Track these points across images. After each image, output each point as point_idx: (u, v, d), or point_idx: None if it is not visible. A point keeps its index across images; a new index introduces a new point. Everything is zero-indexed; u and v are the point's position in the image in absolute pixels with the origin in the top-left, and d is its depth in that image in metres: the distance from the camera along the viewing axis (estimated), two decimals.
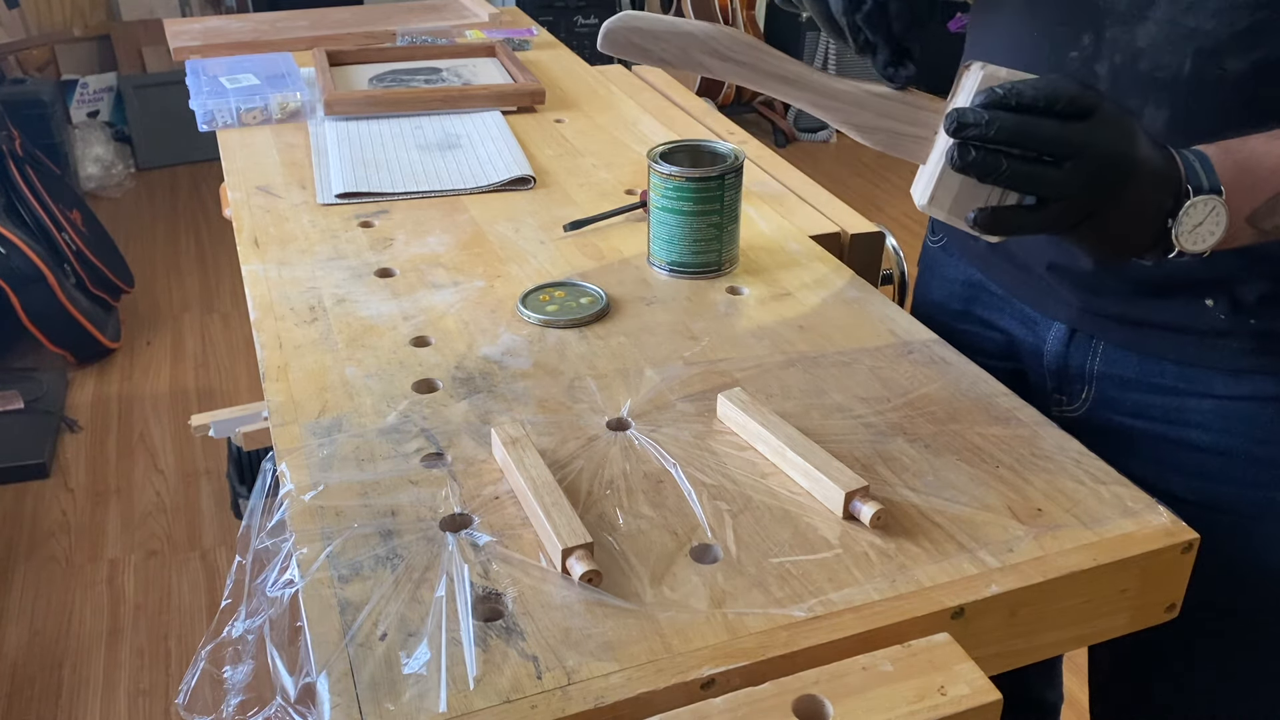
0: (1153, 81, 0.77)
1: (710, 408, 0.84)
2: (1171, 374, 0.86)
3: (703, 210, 1.00)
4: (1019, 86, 0.66)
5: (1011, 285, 0.97)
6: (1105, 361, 0.90)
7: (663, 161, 1.01)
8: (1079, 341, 0.91)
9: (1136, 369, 0.88)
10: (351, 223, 1.15)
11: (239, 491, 2.07)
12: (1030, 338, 0.96)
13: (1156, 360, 0.86)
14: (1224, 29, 0.73)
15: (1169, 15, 0.75)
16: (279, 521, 0.73)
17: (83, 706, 1.83)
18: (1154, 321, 0.85)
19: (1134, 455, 0.85)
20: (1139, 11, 0.77)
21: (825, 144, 4.29)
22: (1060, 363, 0.93)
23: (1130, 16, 0.77)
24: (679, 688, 0.60)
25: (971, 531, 0.72)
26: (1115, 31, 0.78)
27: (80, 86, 3.96)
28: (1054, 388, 0.94)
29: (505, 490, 0.75)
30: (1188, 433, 0.86)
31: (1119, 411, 0.90)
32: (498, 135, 1.37)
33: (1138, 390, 0.88)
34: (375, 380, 0.87)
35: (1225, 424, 0.84)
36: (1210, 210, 0.68)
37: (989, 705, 0.59)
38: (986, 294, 1.00)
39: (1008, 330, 0.99)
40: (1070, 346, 0.92)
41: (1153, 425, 0.88)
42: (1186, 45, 0.75)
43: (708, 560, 0.69)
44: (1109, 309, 0.87)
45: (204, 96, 1.42)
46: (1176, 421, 0.87)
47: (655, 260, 1.05)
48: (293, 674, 0.64)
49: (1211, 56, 0.73)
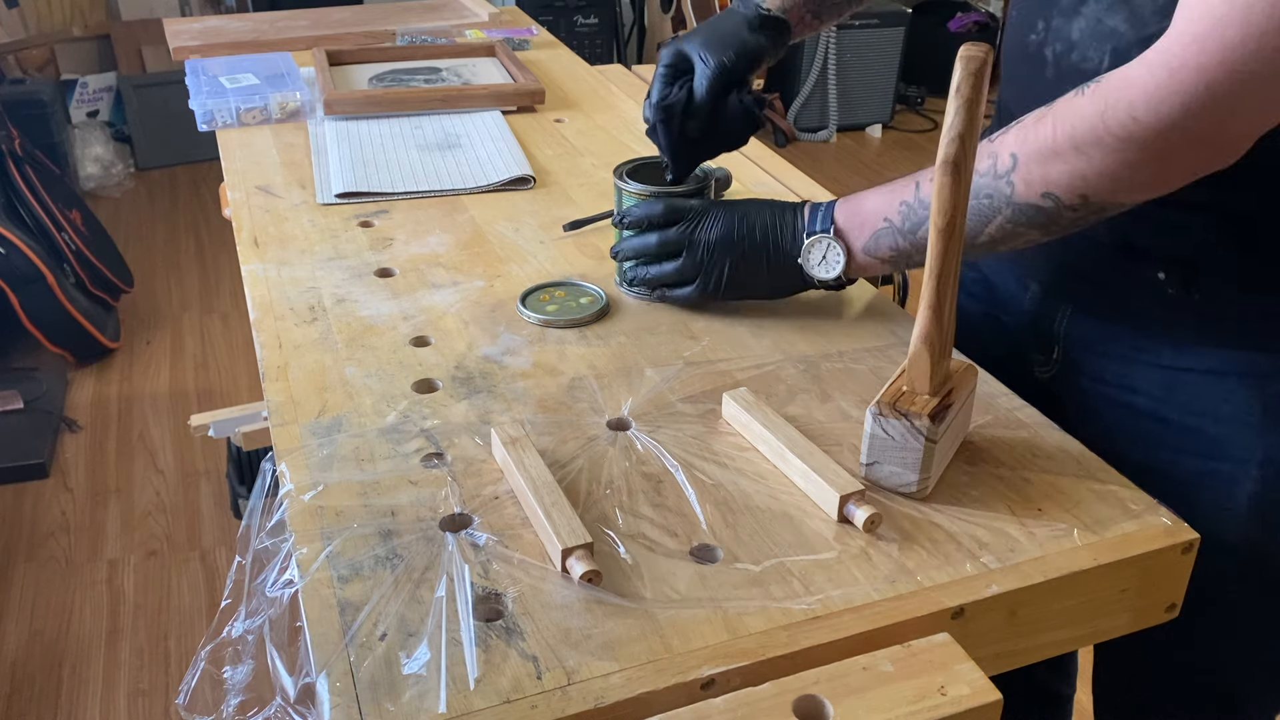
0: (1080, 72, 0.83)
1: (710, 408, 0.84)
2: (1127, 341, 0.89)
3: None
4: (631, 211, 0.97)
5: None
6: (1071, 323, 0.93)
7: (631, 180, 0.99)
8: (1049, 303, 0.95)
9: (1097, 333, 0.91)
10: (351, 222, 1.15)
11: (239, 491, 2.07)
12: (1019, 295, 0.99)
13: (1114, 325, 0.90)
14: (1134, 32, 0.78)
15: (1095, 13, 0.81)
16: (279, 521, 0.73)
17: (82, 706, 1.83)
18: (1113, 286, 0.89)
19: (1094, 420, 0.89)
20: (1074, 7, 0.83)
21: (825, 144, 4.29)
22: (1033, 321, 0.97)
23: (1069, 10, 0.84)
24: (679, 688, 0.60)
25: (971, 531, 0.72)
26: (1058, 22, 0.85)
27: (80, 86, 3.96)
28: (1033, 348, 0.98)
29: (505, 490, 0.75)
30: (1135, 399, 0.89)
31: (1083, 375, 0.93)
32: (497, 135, 1.37)
33: (1096, 355, 0.92)
34: (375, 380, 0.87)
35: (1167, 394, 0.87)
36: (826, 246, 0.89)
37: (989, 705, 0.59)
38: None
39: (1000, 286, 1.02)
40: (1042, 305, 0.96)
41: (1107, 390, 0.91)
42: (1105, 43, 0.81)
43: (708, 560, 0.69)
44: (1077, 269, 0.91)
45: (204, 96, 1.42)
46: (1125, 387, 0.90)
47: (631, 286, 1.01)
48: (293, 674, 0.64)
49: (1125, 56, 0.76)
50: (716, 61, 0.97)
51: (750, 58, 0.99)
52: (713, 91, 0.97)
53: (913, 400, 0.73)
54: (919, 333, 0.72)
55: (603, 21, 4.29)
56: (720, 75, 0.97)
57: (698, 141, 0.99)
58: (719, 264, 0.93)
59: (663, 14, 4.29)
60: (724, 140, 1.01)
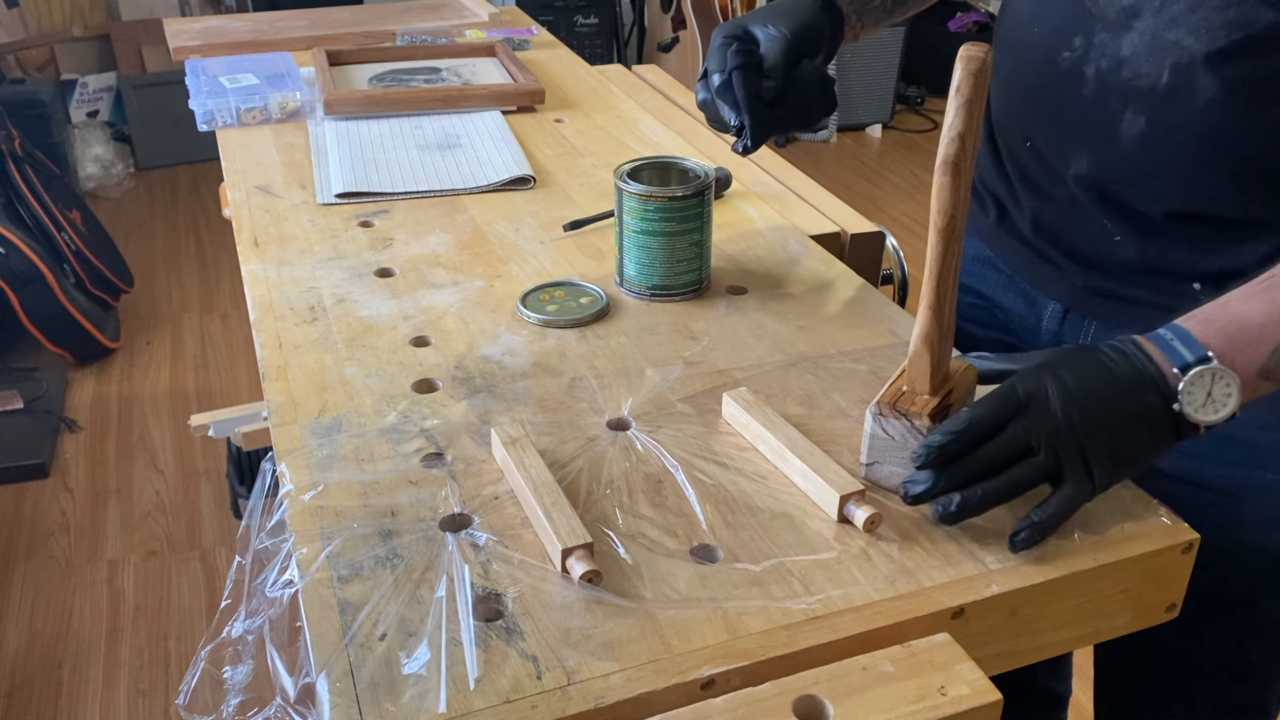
0: (1132, 89, 0.80)
1: (710, 408, 0.84)
2: None
3: (686, 229, 0.97)
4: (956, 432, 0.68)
5: (1015, 263, 0.99)
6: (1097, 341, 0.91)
7: (632, 181, 0.97)
8: (1072, 321, 0.94)
9: None
10: (351, 222, 1.15)
11: (239, 491, 2.07)
12: (1029, 316, 0.98)
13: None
14: (1201, 46, 0.76)
15: (1152, 28, 0.78)
16: (279, 521, 0.73)
17: (83, 706, 1.83)
18: (1143, 301, 0.87)
19: None
20: (1125, 21, 0.80)
21: (825, 144, 4.29)
22: (1055, 340, 0.96)
23: (1117, 25, 0.80)
24: (679, 688, 0.60)
25: (972, 532, 0.72)
26: (1103, 38, 0.81)
27: (80, 86, 3.96)
28: None
29: (505, 490, 0.75)
30: None
31: None
32: (498, 135, 1.37)
33: None
34: (375, 380, 0.87)
35: None
36: (1212, 378, 0.68)
37: (989, 705, 0.59)
38: (993, 270, 1.02)
39: (1008, 307, 1.01)
40: (1064, 325, 0.94)
41: None
42: (1165, 57, 0.78)
43: (708, 560, 0.69)
44: (1103, 287, 0.90)
45: (204, 96, 1.42)
46: None
47: (631, 286, 1.00)
48: (293, 674, 0.64)
49: (1188, 70, 0.76)
50: (787, 27, 0.87)
51: (816, 33, 0.89)
52: (786, 54, 0.87)
53: (913, 400, 0.73)
54: (919, 332, 0.72)
55: (603, 21, 4.29)
56: (793, 39, 0.87)
57: (772, 106, 0.87)
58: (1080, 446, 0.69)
59: (663, 14, 4.29)
60: (798, 112, 0.89)
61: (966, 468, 0.69)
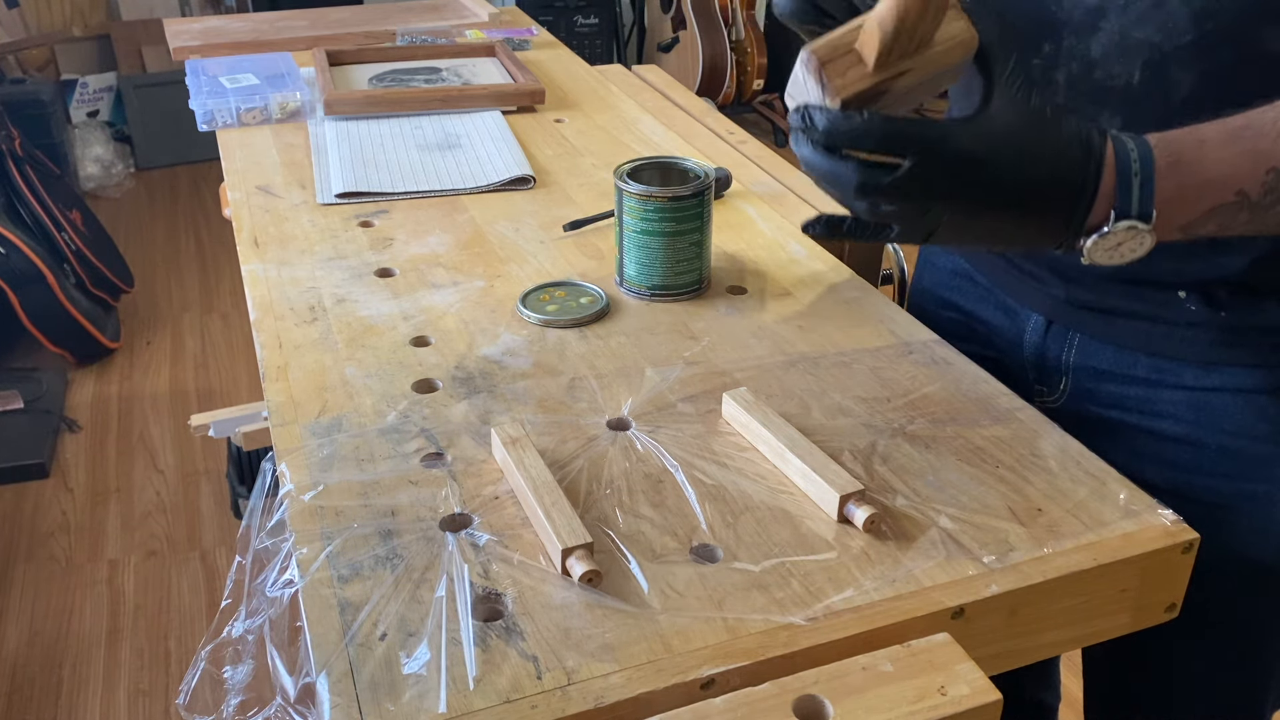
0: (1106, 90, 0.79)
1: (710, 408, 0.84)
2: (1145, 366, 0.87)
3: (686, 229, 0.97)
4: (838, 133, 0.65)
5: (994, 276, 0.99)
6: (1081, 353, 0.91)
7: (632, 181, 0.97)
8: (1055, 333, 0.93)
9: (1111, 361, 0.89)
10: (351, 222, 1.15)
11: (239, 491, 2.07)
12: (1010, 329, 0.97)
13: (1130, 352, 0.88)
14: (1170, 42, 0.75)
15: (1119, 27, 0.77)
16: (279, 521, 0.73)
17: (83, 706, 1.83)
18: (1127, 311, 0.87)
19: (1110, 445, 0.86)
20: (1092, 23, 0.79)
21: None
22: (1038, 354, 0.95)
23: (1084, 28, 0.79)
24: (679, 688, 0.60)
25: (972, 531, 0.72)
26: (1070, 41, 0.80)
27: (80, 86, 3.96)
28: (1034, 379, 0.96)
29: (505, 490, 0.75)
30: (1160, 424, 0.88)
31: (1095, 402, 0.92)
32: (497, 135, 1.37)
33: (1112, 381, 0.90)
34: (375, 380, 0.87)
35: (1196, 415, 0.86)
36: (1134, 235, 0.66)
37: (989, 705, 0.59)
38: (970, 284, 1.02)
39: (988, 321, 1.00)
40: (1047, 338, 0.94)
41: (1127, 416, 0.90)
42: (1135, 56, 0.77)
43: (708, 560, 0.69)
44: (1084, 299, 0.89)
45: (204, 96, 1.42)
46: (1149, 412, 0.88)
47: (631, 286, 1.00)
48: (293, 674, 0.64)
49: (1159, 68, 0.75)
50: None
51: None
52: None
53: (845, 70, 0.63)
54: (878, 9, 0.63)
55: (603, 21, 4.29)
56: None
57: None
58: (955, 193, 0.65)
59: (663, 14, 4.29)
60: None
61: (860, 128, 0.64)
